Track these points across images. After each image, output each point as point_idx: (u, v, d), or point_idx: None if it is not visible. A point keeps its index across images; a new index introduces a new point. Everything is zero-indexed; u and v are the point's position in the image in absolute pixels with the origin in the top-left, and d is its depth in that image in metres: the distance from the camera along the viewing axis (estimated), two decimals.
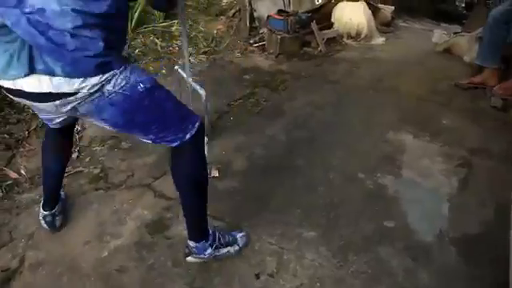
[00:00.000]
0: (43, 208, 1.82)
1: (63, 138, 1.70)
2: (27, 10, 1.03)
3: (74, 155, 2.30)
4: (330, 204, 2.01)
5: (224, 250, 1.67)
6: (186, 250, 1.65)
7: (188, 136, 1.38)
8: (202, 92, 2.22)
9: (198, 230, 1.61)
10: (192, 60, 3.54)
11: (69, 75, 1.11)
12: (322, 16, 4.57)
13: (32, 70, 1.11)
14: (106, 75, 1.16)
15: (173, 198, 2.04)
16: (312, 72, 3.56)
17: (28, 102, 1.24)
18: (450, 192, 2.14)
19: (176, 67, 2.27)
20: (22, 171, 2.16)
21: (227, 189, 2.14)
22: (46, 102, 1.18)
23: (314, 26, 4.12)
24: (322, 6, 4.64)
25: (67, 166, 1.89)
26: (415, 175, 2.24)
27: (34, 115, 2.46)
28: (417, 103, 3.06)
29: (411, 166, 2.32)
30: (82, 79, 1.13)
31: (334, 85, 3.34)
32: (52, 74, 1.11)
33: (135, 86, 1.23)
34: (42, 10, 1.03)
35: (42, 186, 1.87)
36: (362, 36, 4.59)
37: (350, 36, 4.60)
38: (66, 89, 1.13)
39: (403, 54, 4.18)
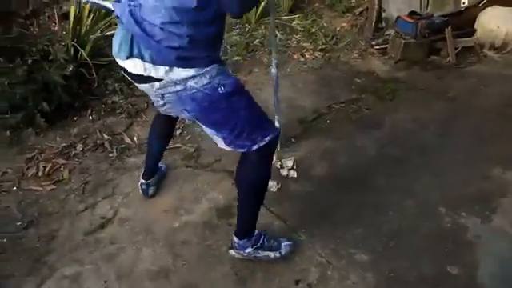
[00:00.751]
0: (142, 176, 2.15)
1: (169, 121, 1.95)
2: (132, 4, 1.28)
3: (177, 132, 2.63)
4: (394, 231, 1.94)
5: (264, 254, 1.76)
6: (230, 244, 1.80)
7: (255, 147, 1.47)
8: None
9: (243, 229, 1.73)
10: (307, 56, 3.60)
11: (154, 62, 1.30)
12: (464, 21, 4.10)
13: (131, 54, 1.34)
14: (190, 71, 1.31)
15: None
16: (430, 84, 3.30)
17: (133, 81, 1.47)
18: None
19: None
20: (135, 138, 2.58)
21: (299, 191, 2.22)
22: (140, 83, 1.40)
23: (448, 32, 3.75)
24: (465, 10, 4.17)
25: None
26: (509, 225, 1.98)
27: None
28: None
29: (508, 212, 2.05)
30: (167, 68, 1.30)
31: (451, 102, 3.05)
32: (142, 58, 1.32)
33: (217, 87, 1.36)
34: (140, 5, 1.27)
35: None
36: (509, 48, 4.00)
37: (493, 47, 4.05)
38: (153, 73, 1.32)
39: None
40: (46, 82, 2.60)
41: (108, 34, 3.13)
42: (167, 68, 1.30)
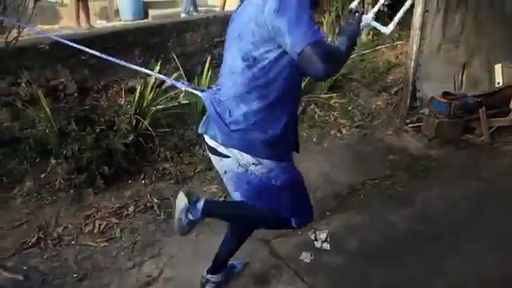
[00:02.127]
0: (207, 270, 2.09)
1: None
2: (213, 96, 1.63)
3: (220, 199, 2.86)
4: None
5: None
6: None
7: (283, 227, 1.86)
8: None
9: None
10: (344, 132, 3.83)
11: (223, 144, 1.59)
12: (498, 100, 4.22)
13: (206, 132, 1.67)
14: (254, 159, 1.56)
15: (283, 258, 2.36)
16: (464, 163, 3.39)
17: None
18: None
19: None
20: None
21: (330, 264, 2.33)
22: (213, 154, 1.68)
23: (482, 112, 3.89)
24: (499, 90, 4.31)
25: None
26: None
27: (202, 160, 3.17)
28: None
29: None
30: (235, 151, 1.57)
31: (485, 183, 3.11)
32: (215, 139, 1.61)
33: (271, 178, 1.61)
34: (219, 100, 1.60)
35: None
36: None
37: None
38: (221, 150, 1.61)
39: None
40: (109, 149, 2.96)
41: (165, 107, 3.55)
42: (237, 151, 1.57)
